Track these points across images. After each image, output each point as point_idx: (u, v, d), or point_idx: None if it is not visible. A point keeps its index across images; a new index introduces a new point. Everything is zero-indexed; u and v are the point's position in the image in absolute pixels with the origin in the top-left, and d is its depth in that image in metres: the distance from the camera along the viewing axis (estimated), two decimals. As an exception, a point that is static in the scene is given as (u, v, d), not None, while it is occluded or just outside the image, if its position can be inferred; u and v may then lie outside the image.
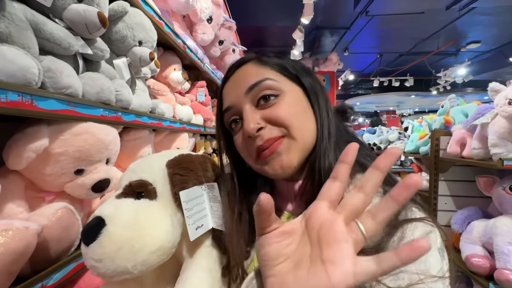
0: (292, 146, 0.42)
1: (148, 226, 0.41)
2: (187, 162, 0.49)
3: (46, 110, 0.50)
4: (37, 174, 0.56)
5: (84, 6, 0.59)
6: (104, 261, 0.37)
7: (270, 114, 0.42)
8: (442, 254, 0.35)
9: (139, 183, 0.45)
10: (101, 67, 0.71)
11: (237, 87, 0.45)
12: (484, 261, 1.32)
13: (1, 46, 0.43)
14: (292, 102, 0.43)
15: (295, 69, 0.47)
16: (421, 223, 0.36)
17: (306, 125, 0.43)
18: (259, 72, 0.45)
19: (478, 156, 1.40)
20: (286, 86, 0.44)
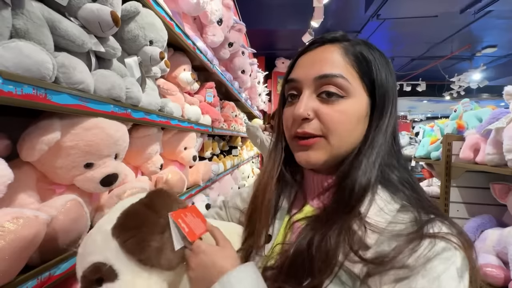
0: (325, 148, 0.43)
1: None
2: (132, 218, 0.42)
3: (59, 104, 0.51)
4: (49, 166, 0.58)
5: (98, 6, 0.61)
6: None
7: (322, 111, 0.42)
8: (460, 276, 0.33)
9: (92, 270, 0.40)
10: (113, 65, 0.73)
11: (310, 67, 0.44)
12: (498, 271, 1.27)
13: (18, 42, 0.45)
14: (350, 109, 0.42)
15: (379, 77, 0.43)
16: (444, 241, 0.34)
17: (350, 136, 0.43)
18: (338, 63, 0.43)
19: (493, 162, 1.35)
20: (356, 90, 0.43)
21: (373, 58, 0.44)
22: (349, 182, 0.41)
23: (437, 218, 0.37)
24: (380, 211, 0.39)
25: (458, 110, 1.81)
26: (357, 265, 0.36)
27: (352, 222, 0.38)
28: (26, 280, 0.47)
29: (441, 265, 0.33)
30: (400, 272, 0.33)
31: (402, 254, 0.34)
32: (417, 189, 0.42)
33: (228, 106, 2.40)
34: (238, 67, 2.25)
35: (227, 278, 0.37)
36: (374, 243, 0.37)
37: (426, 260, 0.33)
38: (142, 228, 0.41)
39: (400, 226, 0.37)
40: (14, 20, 0.47)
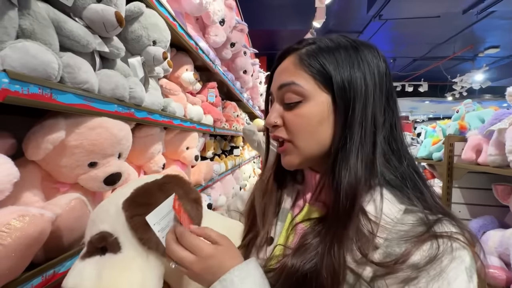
0: (294, 152, 0.46)
1: (119, 283, 0.39)
2: (143, 195, 0.44)
3: (64, 103, 0.52)
4: (53, 165, 0.59)
5: (102, 6, 0.61)
6: None
7: (286, 117, 0.46)
8: (470, 275, 0.33)
9: (99, 238, 0.42)
10: (117, 65, 0.74)
11: (275, 79, 0.49)
12: (500, 273, 1.26)
13: (25, 42, 0.45)
14: (308, 111, 0.43)
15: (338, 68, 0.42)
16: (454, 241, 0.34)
17: (314, 137, 0.44)
18: (290, 72, 0.45)
19: (495, 163, 1.35)
20: (312, 93, 0.43)
21: (327, 56, 0.43)
22: (338, 181, 0.40)
23: (445, 218, 0.37)
24: (387, 210, 0.39)
25: (460, 111, 1.81)
26: (365, 267, 0.36)
27: (358, 223, 0.38)
28: (32, 277, 0.47)
29: (451, 264, 0.33)
30: (410, 272, 0.33)
31: (412, 255, 0.34)
32: (422, 188, 0.42)
33: (230, 106, 2.40)
34: (240, 67, 2.25)
35: (229, 276, 0.37)
36: (382, 244, 0.37)
37: (436, 260, 0.33)
38: (150, 207, 0.41)
39: (408, 226, 0.37)
40: (21, 21, 0.48)
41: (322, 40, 0.46)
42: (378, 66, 0.43)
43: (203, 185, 1.41)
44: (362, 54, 0.43)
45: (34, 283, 0.48)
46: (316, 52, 0.44)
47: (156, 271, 0.42)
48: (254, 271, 0.39)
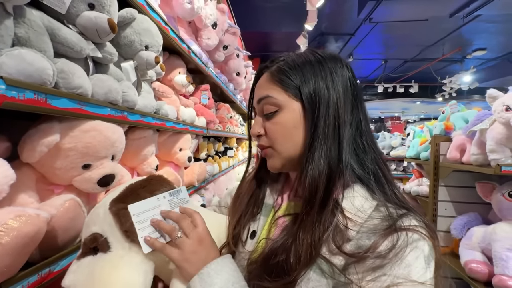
0: (275, 155, 0.51)
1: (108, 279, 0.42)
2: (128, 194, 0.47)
3: (58, 108, 0.54)
4: (48, 167, 0.61)
5: (95, 13, 0.64)
6: None
7: (266, 126, 0.52)
8: (427, 262, 0.37)
9: (91, 239, 0.46)
10: (110, 70, 0.76)
11: (255, 95, 0.55)
12: (483, 267, 1.32)
13: (21, 50, 0.47)
14: (283, 119, 0.49)
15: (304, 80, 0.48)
16: (415, 233, 0.38)
17: (290, 141, 0.49)
18: (265, 86, 0.52)
19: (477, 162, 1.41)
20: (285, 102, 0.49)
21: (295, 70, 0.49)
22: (304, 175, 0.45)
23: (409, 213, 0.41)
24: (360, 206, 0.42)
25: (446, 111, 1.87)
26: (338, 257, 0.40)
27: (333, 217, 0.42)
28: (28, 275, 0.49)
29: (412, 253, 0.37)
30: (377, 261, 0.37)
31: (379, 246, 0.37)
32: (391, 184, 0.46)
33: (224, 108, 2.42)
34: (233, 69, 2.28)
35: (206, 270, 0.41)
36: (354, 236, 0.40)
37: (399, 250, 0.37)
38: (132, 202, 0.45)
39: (377, 221, 0.40)
40: (16, 29, 0.50)
41: (291, 56, 0.52)
42: (342, 74, 0.49)
43: (196, 186, 1.43)
44: (326, 66, 0.49)
45: (30, 281, 0.49)
46: (285, 68, 0.50)
47: (144, 266, 0.45)
48: (229, 265, 0.43)
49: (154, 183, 0.51)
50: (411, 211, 0.42)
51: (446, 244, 1.73)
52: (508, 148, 1.24)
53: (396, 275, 0.36)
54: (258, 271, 0.44)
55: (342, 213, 0.42)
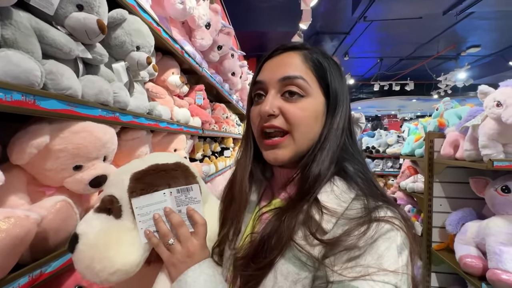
0: (290, 146, 0.48)
1: (108, 248, 0.44)
2: (151, 175, 0.48)
3: (47, 109, 0.54)
4: (39, 169, 0.61)
5: (84, 14, 0.64)
6: (80, 273, 0.44)
7: (287, 108, 0.47)
8: (399, 252, 0.38)
9: (108, 200, 0.47)
10: (100, 71, 0.76)
11: (275, 70, 0.49)
12: (477, 262, 1.33)
13: (7, 51, 0.47)
14: (309, 107, 0.47)
15: (333, 81, 0.49)
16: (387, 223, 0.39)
17: (310, 132, 0.48)
18: (299, 67, 0.48)
19: (470, 157, 1.42)
20: (314, 91, 0.48)
21: (327, 65, 0.50)
22: (307, 173, 0.46)
23: (384, 205, 0.42)
24: (337, 198, 0.43)
25: (439, 108, 1.89)
26: (316, 248, 0.40)
27: (311, 208, 0.43)
28: (18, 277, 0.49)
29: (384, 243, 0.38)
30: (351, 252, 0.38)
31: (352, 236, 0.38)
32: (370, 180, 0.47)
33: (219, 108, 2.42)
34: (228, 69, 2.28)
35: (184, 277, 0.42)
36: (331, 229, 0.41)
37: (372, 240, 0.38)
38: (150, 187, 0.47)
39: (354, 211, 0.41)
40: (3, 30, 0.50)
41: (321, 49, 0.52)
42: (346, 81, 0.52)
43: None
44: (341, 71, 0.51)
45: (21, 283, 0.49)
46: (320, 59, 0.50)
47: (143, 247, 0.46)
48: (206, 271, 0.44)
49: (175, 174, 0.50)
50: (388, 204, 0.42)
51: (442, 240, 1.74)
52: (500, 143, 1.25)
53: (369, 265, 0.36)
54: (244, 261, 0.44)
55: (319, 206, 0.43)
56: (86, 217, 0.47)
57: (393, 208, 0.42)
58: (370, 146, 3.69)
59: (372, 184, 0.46)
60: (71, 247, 0.44)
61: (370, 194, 0.44)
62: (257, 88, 0.51)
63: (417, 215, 2.04)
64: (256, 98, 0.51)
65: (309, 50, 0.51)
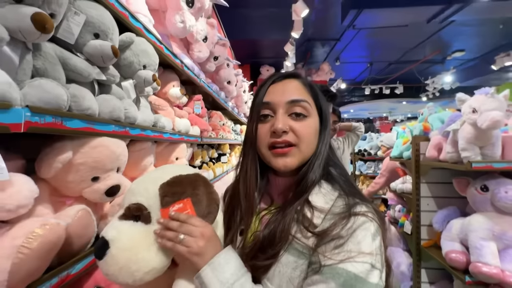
0: (297, 154, 0.57)
1: (143, 250, 0.49)
2: (177, 184, 0.54)
3: (72, 128, 0.61)
4: (61, 181, 0.67)
5: (100, 42, 0.71)
6: (110, 276, 0.48)
7: (295, 126, 0.57)
8: (373, 238, 0.48)
9: (136, 208, 0.52)
10: (112, 89, 0.83)
11: (282, 93, 0.59)
12: (461, 256, 1.43)
13: (40, 80, 0.54)
14: (311, 125, 0.59)
15: (323, 105, 0.61)
16: (363, 216, 0.49)
17: (311, 144, 0.59)
18: (303, 92, 0.60)
19: (452, 159, 1.53)
20: (313, 112, 0.60)
21: (317, 90, 0.61)
22: (305, 179, 0.56)
23: (361, 202, 0.52)
24: (324, 197, 0.53)
25: (424, 113, 2.00)
26: (310, 239, 0.50)
27: (303, 207, 0.52)
28: (50, 278, 0.56)
29: (362, 232, 0.47)
30: (337, 240, 0.47)
31: (337, 227, 0.48)
32: (349, 181, 0.58)
33: (216, 115, 2.50)
34: (223, 78, 2.37)
35: (217, 259, 0.48)
36: (321, 223, 0.50)
37: (352, 230, 0.48)
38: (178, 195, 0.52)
39: (338, 208, 0.51)
40: (34, 61, 0.57)
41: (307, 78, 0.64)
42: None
43: (192, 192, 1.50)
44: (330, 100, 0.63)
45: (52, 283, 0.56)
46: (313, 85, 0.62)
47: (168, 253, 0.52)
48: (235, 254, 0.52)
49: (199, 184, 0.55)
50: (363, 201, 0.53)
51: (430, 237, 1.84)
52: (477, 146, 1.36)
53: (351, 250, 0.46)
54: (253, 253, 0.52)
55: (310, 205, 0.53)
56: (113, 224, 0.51)
57: (368, 204, 0.52)
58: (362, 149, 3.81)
59: (350, 184, 0.57)
60: (100, 253, 0.48)
61: (349, 193, 0.54)
62: (265, 108, 0.59)
63: (407, 214, 2.14)
64: (262, 117, 0.59)
65: (303, 78, 0.61)
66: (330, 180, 0.57)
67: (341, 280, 0.44)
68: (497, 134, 1.35)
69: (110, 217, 0.81)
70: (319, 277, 0.46)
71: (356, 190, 0.56)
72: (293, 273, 0.48)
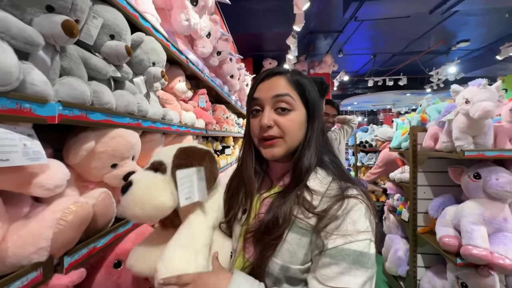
0: (282, 145, 0.63)
1: (156, 190, 0.60)
2: (189, 151, 0.67)
3: (94, 120, 0.69)
4: (85, 167, 0.76)
5: (115, 42, 0.79)
6: (126, 207, 0.59)
7: (279, 120, 0.62)
8: (366, 217, 0.55)
9: (158, 162, 0.66)
10: (126, 85, 0.91)
11: (268, 89, 0.64)
12: (454, 240, 1.51)
13: (68, 78, 0.63)
14: (295, 118, 0.63)
15: (310, 96, 0.65)
16: (355, 199, 0.56)
17: (297, 136, 0.64)
18: (286, 87, 0.63)
19: (447, 148, 1.59)
20: (298, 105, 0.64)
21: (304, 83, 0.65)
22: (299, 165, 0.62)
23: (352, 186, 0.59)
24: (320, 183, 0.60)
25: (422, 104, 2.05)
26: (311, 219, 0.57)
27: (303, 192, 0.59)
28: (81, 248, 0.65)
29: (356, 213, 0.54)
30: (335, 221, 0.54)
31: (333, 209, 0.55)
32: (340, 167, 0.65)
33: (220, 109, 2.58)
34: (226, 72, 2.43)
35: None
36: (319, 204, 0.57)
37: (347, 211, 0.54)
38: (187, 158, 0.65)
39: (333, 191, 0.58)
40: (61, 62, 0.65)
41: (297, 72, 0.68)
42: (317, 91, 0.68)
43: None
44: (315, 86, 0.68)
45: (82, 252, 0.66)
46: (299, 79, 0.65)
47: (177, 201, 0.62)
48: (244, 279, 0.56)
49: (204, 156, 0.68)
50: (354, 184, 0.59)
51: (426, 224, 1.92)
52: (470, 135, 1.42)
53: (347, 230, 0.53)
54: (258, 234, 0.59)
55: (308, 189, 0.60)
56: (139, 172, 0.65)
57: (358, 187, 0.59)
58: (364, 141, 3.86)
59: (341, 170, 0.64)
60: (125, 189, 0.60)
61: (341, 177, 0.61)
62: (255, 104, 0.66)
63: (404, 202, 2.21)
64: (254, 112, 0.66)
65: (290, 73, 0.66)
66: (324, 166, 0.63)
67: (350, 259, 0.51)
68: (489, 124, 1.40)
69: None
70: (330, 260, 0.52)
71: (346, 176, 0.63)
72: (297, 248, 0.56)
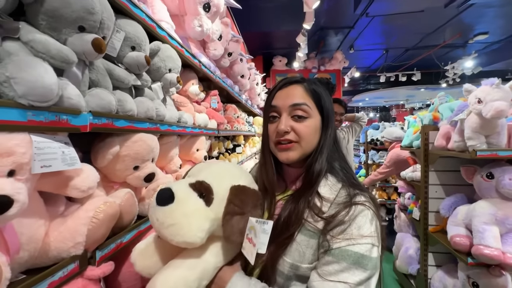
0: (298, 150, 0.67)
1: (194, 222, 0.54)
2: (244, 195, 0.60)
3: (119, 127, 0.76)
4: (111, 169, 0.83)
5: (136, 53, 0.85)
6: (158, 223, 0.53)
7: (296, 126, 0.67)
8: (371, 223, 0.58)
9: (206, 188, 0.58)
10: (145, 92, 0.98)
11: (286, 98, 0.68)
12: (465, 240, 1.51)
13: (96, 89, 0.69)
14: (311, 125, 0.67)
15: (326, 105, 0.69)
16: (362, 205, 0.59)
17: (311, 141, 0.68)
18: (303, 96, 0.68)
19: (459, 148, 1.58)
20: (314, 113, 0.68)
21: (320, 92, 0.69)
22: (311, 170, 0.66)
23: (360, 192, 0.62)
24: (330, 189, 0.64)
25: (435, 102, 2.03)
26: (319, 223, 0.61)
27: (314, 198, 0.63)
28: (110, 243, 0.72)
29: (362, 219, 0.58)
30: (342, 226, 0.58)
31: (341, 215, 0.58)
32: (349, 173, 0.68)
33: (230, 108, 2.63)
34: (237, 73, 2.48)
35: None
36: (328, 210, 0.61)
37: (354, 217, 0.58)
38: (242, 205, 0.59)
39: (341, 198, 0.62)
40: (90, 75, 0.72)
41: (314, 81, 0.72)
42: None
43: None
44: (329, 93, 0.72)
45: (111, 247, 0.72)
46: (315, 89, 0.69)
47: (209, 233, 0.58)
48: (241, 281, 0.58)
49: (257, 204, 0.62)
50: (362, 191, 0.63)
51: (437, 223, 1.91)
52: (482, 135, 1.41)
53: (352, 234, 0.56)
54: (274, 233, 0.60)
55: (319, 196, 0.63)
56: (183, 186, 0.55)
57: (366, 194, 0.63)
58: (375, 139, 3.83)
59: (351, 176, 0.67)
60: (164, 201, 0.52)
61: (350, 184, 0.64)
62: (272, 111, 0.70)
63: (415, 201, 2.20)
64: (271, 118, 0.71)
65: (307, 82, 0.70)
66: (334, 173, 0.67)
67: (351, 259, 0.54)
68: (502, 124, 1.39)
69: (147, 199, 0.97)
70: (332, 258, 0.55)
71: (355, 182, 0.66)
72: (306, 249, 0.60)
